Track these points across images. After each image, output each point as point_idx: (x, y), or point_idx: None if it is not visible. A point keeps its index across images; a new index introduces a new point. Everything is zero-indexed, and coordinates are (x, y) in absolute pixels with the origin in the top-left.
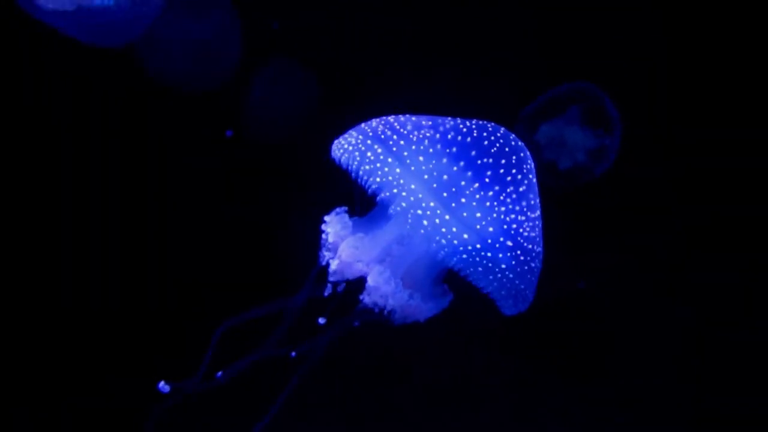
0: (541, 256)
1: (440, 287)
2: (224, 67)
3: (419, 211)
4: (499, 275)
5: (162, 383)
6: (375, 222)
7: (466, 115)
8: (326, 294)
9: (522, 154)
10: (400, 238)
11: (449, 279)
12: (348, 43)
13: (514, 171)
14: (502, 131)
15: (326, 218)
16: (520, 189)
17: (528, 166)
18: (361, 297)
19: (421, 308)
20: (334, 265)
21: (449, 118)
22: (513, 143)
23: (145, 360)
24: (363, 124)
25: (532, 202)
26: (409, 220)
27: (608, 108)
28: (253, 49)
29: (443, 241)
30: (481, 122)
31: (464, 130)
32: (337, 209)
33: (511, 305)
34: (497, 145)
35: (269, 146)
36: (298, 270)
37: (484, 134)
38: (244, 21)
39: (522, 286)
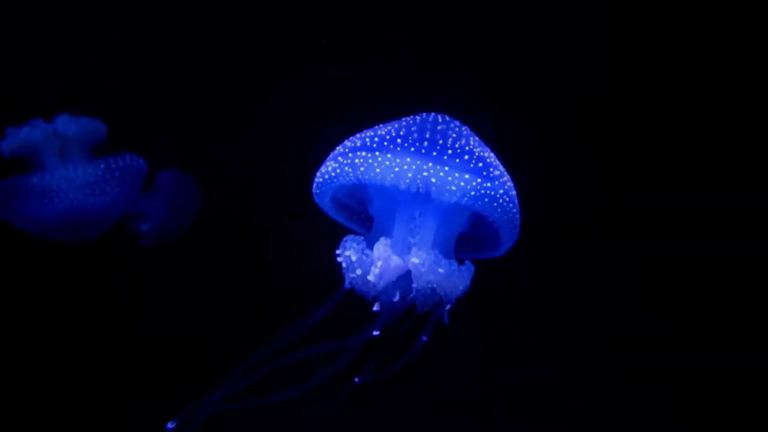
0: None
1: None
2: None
3: (425, 173)
4: (500, 200)
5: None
6: (381, 228)
7: None
8: (375, 308)
9: (458, 122)
10: (414, 217)
11: None
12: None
13: (464, 128)
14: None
15: (339, 250)
16: (475, 138)
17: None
18: (413, 285)
19: (462, 272)
20: (376, 270)
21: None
22: (447, 117)
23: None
24: (332, 153)
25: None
26: (419, 185)
27: None
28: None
29: (453, 188)
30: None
31: (410, 119)
32: (345, 237)
33: (510, 232)
34: (438, 117)
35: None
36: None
37: (424, 115)
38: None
39: (514, 210)
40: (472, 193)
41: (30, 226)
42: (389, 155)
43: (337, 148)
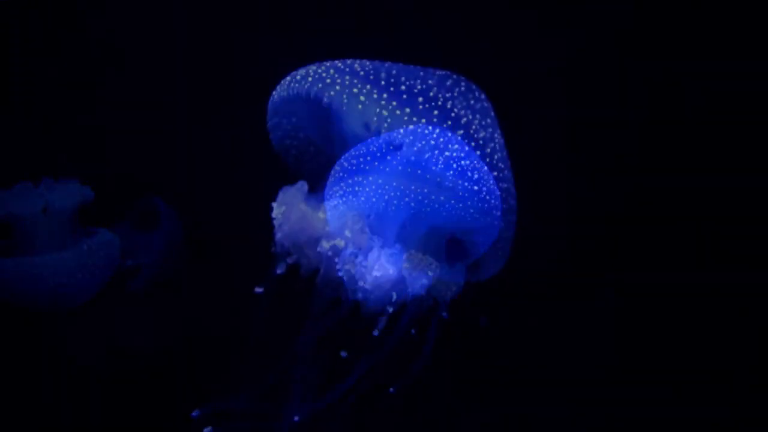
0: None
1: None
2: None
3: (413, 188)
4: (483, 212)
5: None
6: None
7: None
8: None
9: (441, 129)
10: (405, 226)
11: None
12: None
13: (455, 137)
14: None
15: (338, 264)
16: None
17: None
18: (408, 290)
19: (454, 274)
20: (371, 279)
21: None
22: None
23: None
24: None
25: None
26: (411, 203)
27: None
28: None
29: (435, 206)
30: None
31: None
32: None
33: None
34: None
35: None
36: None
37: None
38: None
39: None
40: (455, 209)
41: (14, 299)
42: (379, 180)
43: (334, 168)
